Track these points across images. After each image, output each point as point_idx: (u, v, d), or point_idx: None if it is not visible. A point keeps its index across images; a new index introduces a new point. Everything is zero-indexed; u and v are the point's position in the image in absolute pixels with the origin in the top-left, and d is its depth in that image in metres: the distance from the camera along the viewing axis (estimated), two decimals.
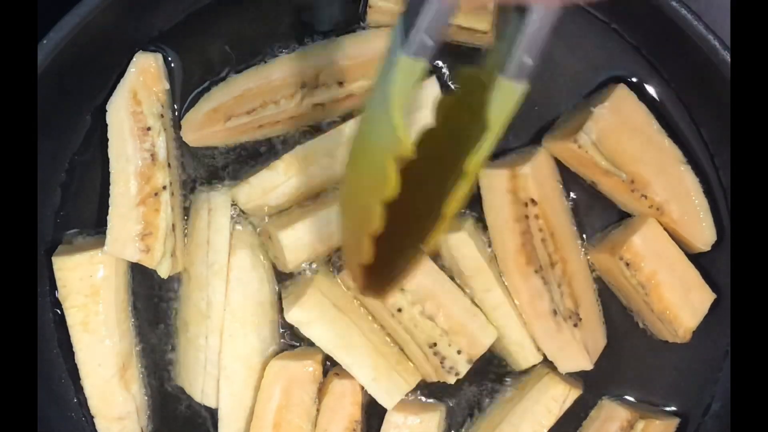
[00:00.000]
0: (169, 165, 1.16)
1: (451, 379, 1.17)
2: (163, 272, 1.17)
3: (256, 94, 1.16)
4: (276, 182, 1.16)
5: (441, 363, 1.16)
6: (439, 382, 1.18)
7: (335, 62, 1.15)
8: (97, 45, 1.14)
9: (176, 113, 1.19)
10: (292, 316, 1.15)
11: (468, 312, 1.16)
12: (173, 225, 1.16)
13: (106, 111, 1.15)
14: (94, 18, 1.08)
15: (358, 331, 1.16)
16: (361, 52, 1.15)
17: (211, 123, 1.17)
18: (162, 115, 1.15)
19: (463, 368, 1.16)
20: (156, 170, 1.14)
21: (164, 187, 1.15)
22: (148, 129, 1.14)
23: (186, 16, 1.19)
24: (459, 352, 1.16)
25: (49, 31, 1.07)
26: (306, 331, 1.15)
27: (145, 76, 1.15)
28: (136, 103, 1.14)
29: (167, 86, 1.17)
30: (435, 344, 1.15)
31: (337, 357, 1.16)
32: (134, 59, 1.15)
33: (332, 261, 1.20)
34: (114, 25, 1.14)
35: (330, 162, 1.15)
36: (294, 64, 1.16)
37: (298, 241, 1.15)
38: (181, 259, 1.18)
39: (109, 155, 1.15)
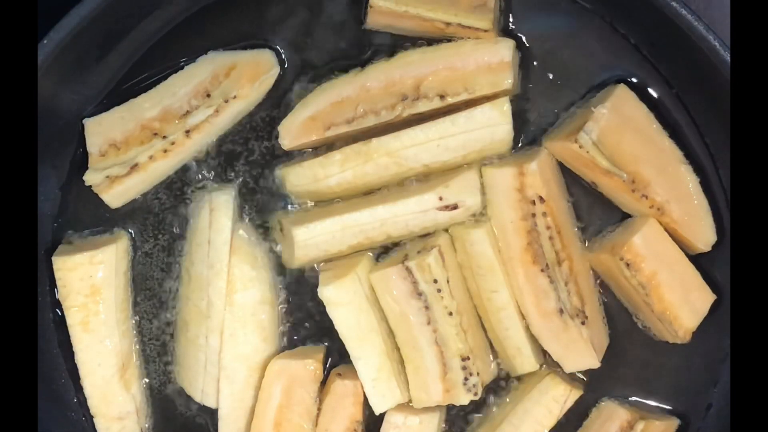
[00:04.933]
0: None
1: (466, 399, 1.17)
2: None
3: (354, 102, 1.15)
4: (330, 172, 1.16)
5: (464, 380, 1.15)
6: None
7: (436, 72, 1.14)
8: (98, 45, 1.15)
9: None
10: (326, 293, 1.15)
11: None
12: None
13: None
14: (95, 18, 1.08)
15: (378, 329, 1.16)
16: (463, 63, 1.14)
17: (310, 131, 1.16)
18: None
19: (480, 390, 1.17)
20: None
21: None
22: None
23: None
24: (479, 373, 1.16)
25: (49, 31, 1.07)
26: (331, 312, 1.15)
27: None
28: None
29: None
30: (468, 358, 1.15)
31: (349, 346, 1.16)
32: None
33: (378, 255, 1.21)
34: (116, 24, 1.14)
35: (388, 162, 1.16)
36: (392, 71, 1.15)
37: (310, 240, 1.16)
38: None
39: None
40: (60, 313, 1.20)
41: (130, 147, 1.18)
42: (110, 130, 1.18)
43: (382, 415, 1.20)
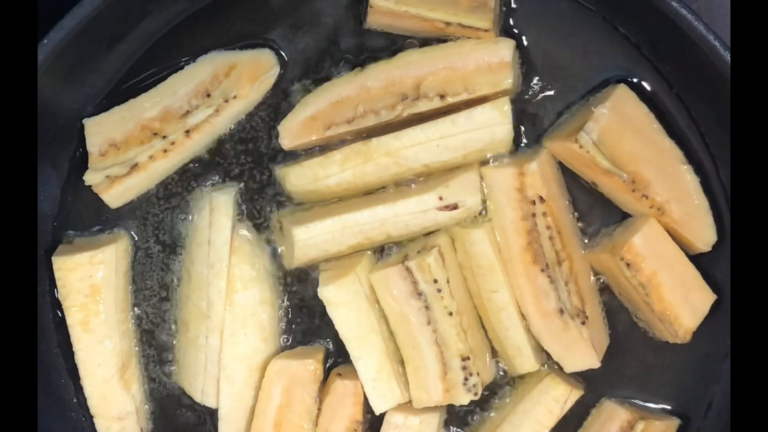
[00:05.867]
0: None
1: (466, 399, 1.16)
2: None
3: (354, 101, 1.15)
4: (330, 172, 1.16)
5: (464, 380, 1.15)
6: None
7: (436, 72, 1.14)
8: (98, 45, 1.15)
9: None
10: (326, 293, 1.15)
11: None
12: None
13: None
14: (95, 18, 1.08)
15: (378, 329, 1.16)
16: (463, 63, 1.14)
17: (310, 131, 1.16)
18: None
19: (480, 390, 1.17)
20: None
21: None
22: None
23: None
24: (479, 373, 1.16)
25: (49, 31, 1.07)
26: (332, 312, 1.15)
27: None
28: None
29: None
30: (468, 358, 1.15)
31: (349, 346, 1.16)
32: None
33: (377, 255, 1.20)
34: (116, 24, 1.14)
35: (387, 162, 1.16)
36: (392, 70, 1.15)
37: (310, 240, 1.16)
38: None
39: None
40: (60, 313, 1.20)
41: (130, 147, 1.18)
42: (110, 130, 1.18)
43: (382, 415, 1.20)
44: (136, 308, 1.23)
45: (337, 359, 1.22)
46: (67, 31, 1.07)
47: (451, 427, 1.23)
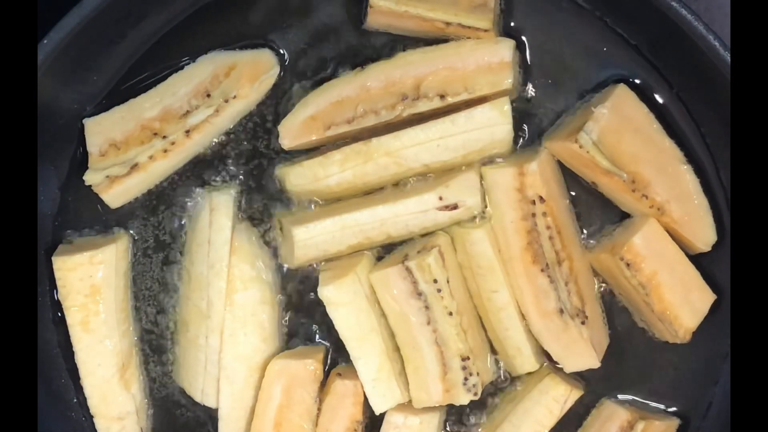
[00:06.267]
0: None
1: (466, 399, 1.16)
2: None
3: (354, 101, 1.15)
4: (330, 172, 1.16)
5: (464, 380, 1.15)
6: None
7: (436, 72, 1.14)
8: (98, 45, 1.15)
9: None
10: (326, 293, 1.14)
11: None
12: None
13: None
14: (95, 18, 1.08)
15: (378, 329, 1.16)
16: (463, 63, 1.14)
17: (310, 131, 1.16)
18: None
19: (480, 390, 1.17)
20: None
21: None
22: None
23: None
24: (479, 374, 1.16)
25: (49, 31, 1.07)
26: (331, 312, 1.15)
27: None
28: None
29: None
30: (468, 358, 1.15)
31: (349, 346, 1.16)
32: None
33: (379, 255, 1.21)
34: (116, 24, 1.14)
35: (387, 162, 1.16)
36: (392, 70, 1.15)
37: (310, 240, 1.16)
38: None
39: None
40: (60, 313, 1.20)
41: (130, 147, 1.18)
42: (110, 130, 1.18)
43: (382, 415, 1.20)
44: (136, 308, 1.23)
45: (337, 359, 1.22)
46: (67, 31, 1.07)
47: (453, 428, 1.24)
